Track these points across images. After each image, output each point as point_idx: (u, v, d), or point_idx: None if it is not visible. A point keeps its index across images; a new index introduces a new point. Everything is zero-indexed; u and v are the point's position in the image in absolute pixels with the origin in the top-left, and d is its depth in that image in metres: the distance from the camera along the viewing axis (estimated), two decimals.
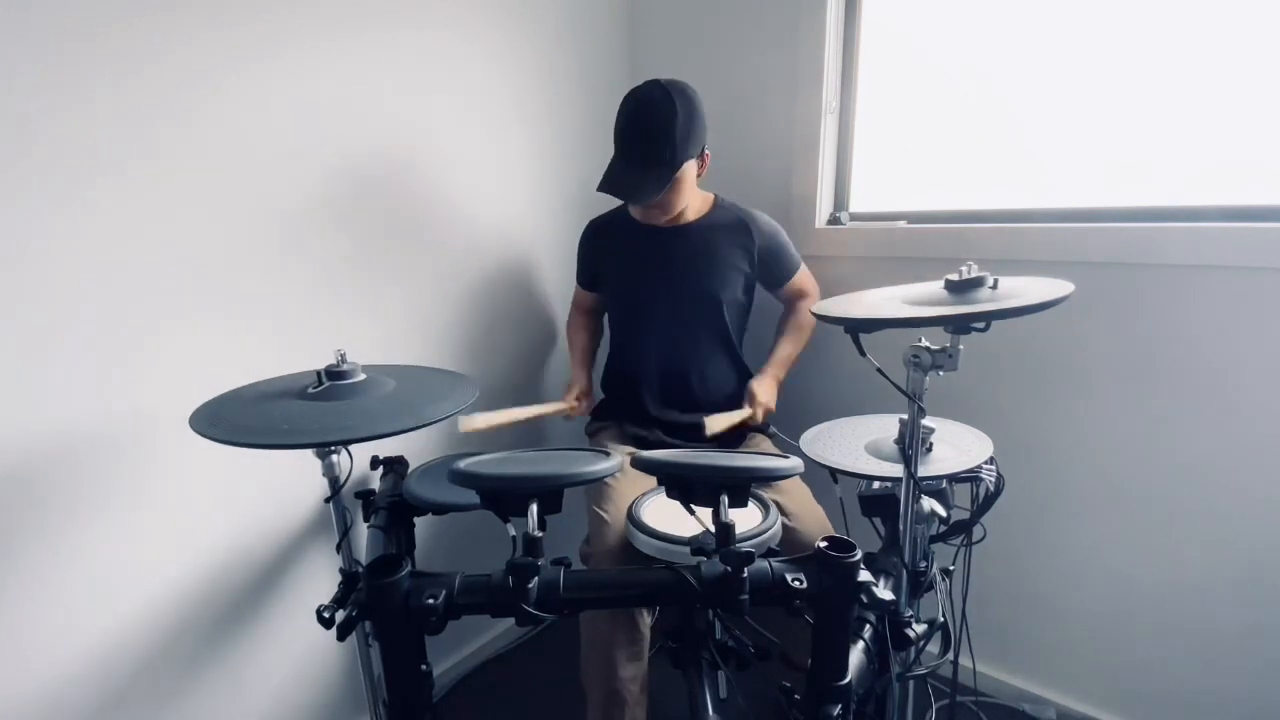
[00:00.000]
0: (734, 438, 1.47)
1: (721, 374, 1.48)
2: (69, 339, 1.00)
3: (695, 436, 1.42)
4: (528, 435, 1.77)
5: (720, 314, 1.44)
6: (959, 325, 0.93)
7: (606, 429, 1.52)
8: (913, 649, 1.02)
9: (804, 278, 1.52)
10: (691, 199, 1.40)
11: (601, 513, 1.22)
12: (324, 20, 1.22)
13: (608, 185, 1.31)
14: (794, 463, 0.90)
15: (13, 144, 0.92)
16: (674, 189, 1.31)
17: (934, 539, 1.13)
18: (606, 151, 1.34)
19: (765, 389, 1.42)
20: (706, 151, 1.36)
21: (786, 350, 1.50)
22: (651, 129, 1.26)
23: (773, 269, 1.48)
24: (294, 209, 1.23)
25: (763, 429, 1.48)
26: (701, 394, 1.46)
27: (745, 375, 1.53)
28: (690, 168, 1.33)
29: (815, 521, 1.21)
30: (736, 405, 1.51)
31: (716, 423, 1.30)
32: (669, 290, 1.43)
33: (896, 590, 1.06)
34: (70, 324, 1.00)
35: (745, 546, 0.80)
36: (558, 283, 1.75)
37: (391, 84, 1.34)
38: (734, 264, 1.43)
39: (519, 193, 1.64)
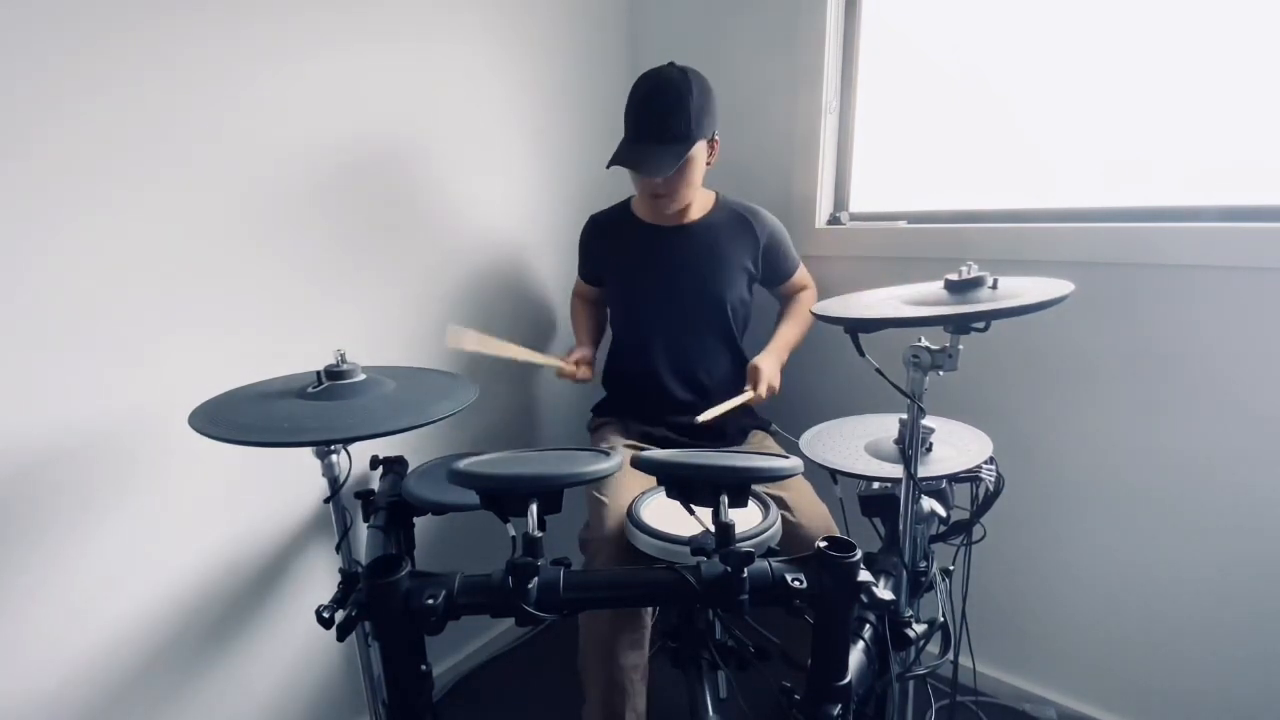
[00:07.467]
0: (737, 435, 1.47)
1: (725, 372, 1.48)
2: (68, 338, 1.00)
3: (700, 434, 1.42)
4: (527, 434, 1.77)
5: (725, 313, 1.44)
6: (959, 325, 0.93)
7: (609, 425, 1.52)
8: (913, 649, 1.02)
9: (803, 276, 1.54)
10: (697, 193, 1.40)
11: (601, 497, 1.22)
12: (322, 23, 1.22)
13: (621, 159, 1.29)
14: (794, 462, 0.90)
15: (13, 145, 0.92)
16: (685, 169, 1.30)
17: (934, 539, 1.13)
18: (607, 148, 1.33)
19: (770, 366, 1.35)
20: (717, 137, 1.35)
21: (788, 334, 1.47)
22: (667, 102, 1.26)
23: (774, 267, 1.48)
24: (296, 209, 1.23)
25: (764, 427, 1.49)
26: (706, 392, 1.45)
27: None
28: (702, 149, 1.32)
29: (819, 519, 1.21)
30: None
31: (710, 413, 1.23)
32: (673, 290, 1.42)
33: (896, 590, 1.05)
34: (70, 322, 1.00)
35: (745, 546, 0.80)
36: (557, 279, 1.75)
37: (393, 84, 1.34)
38: (738, 263, 1.43)
39: (519, 192, 1.64)
